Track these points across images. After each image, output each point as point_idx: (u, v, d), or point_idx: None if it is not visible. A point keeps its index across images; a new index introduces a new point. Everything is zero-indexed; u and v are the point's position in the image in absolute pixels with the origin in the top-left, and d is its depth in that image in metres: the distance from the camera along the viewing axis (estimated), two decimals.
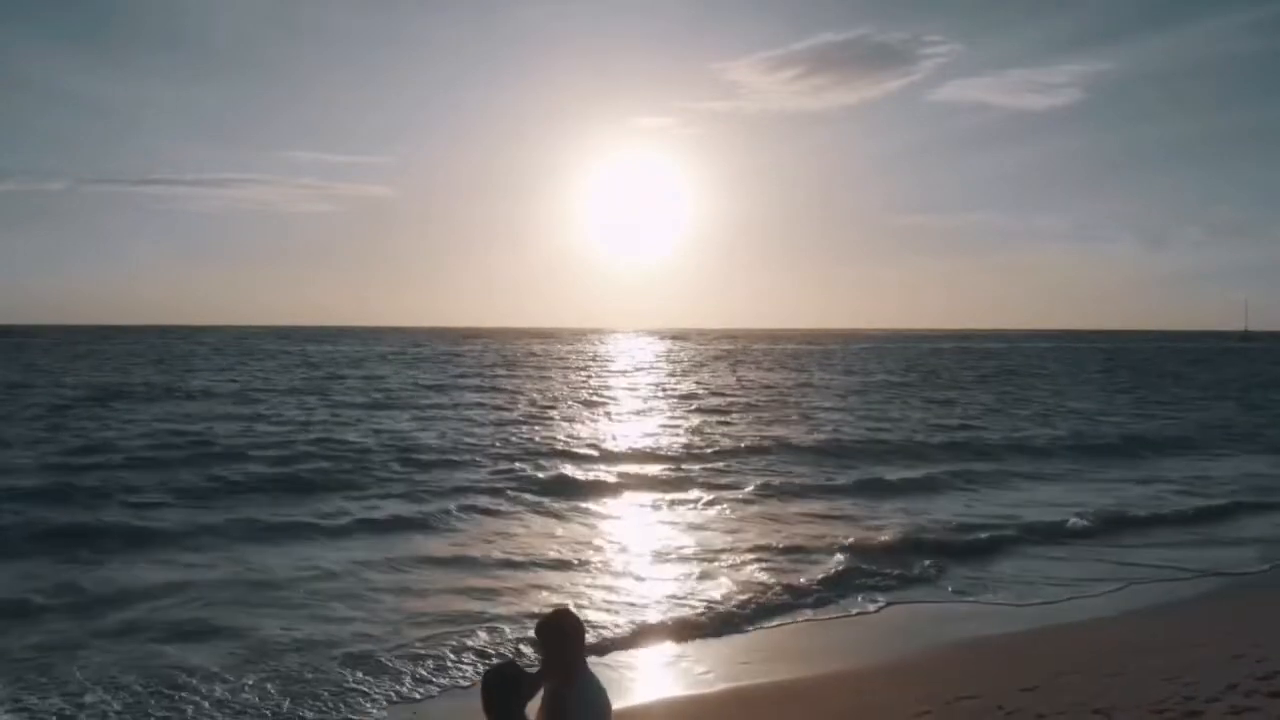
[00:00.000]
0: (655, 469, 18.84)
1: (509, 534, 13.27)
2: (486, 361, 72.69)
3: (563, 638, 3.77)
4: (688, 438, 23.95)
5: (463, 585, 10.53)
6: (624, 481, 17.42)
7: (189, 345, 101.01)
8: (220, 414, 28.15)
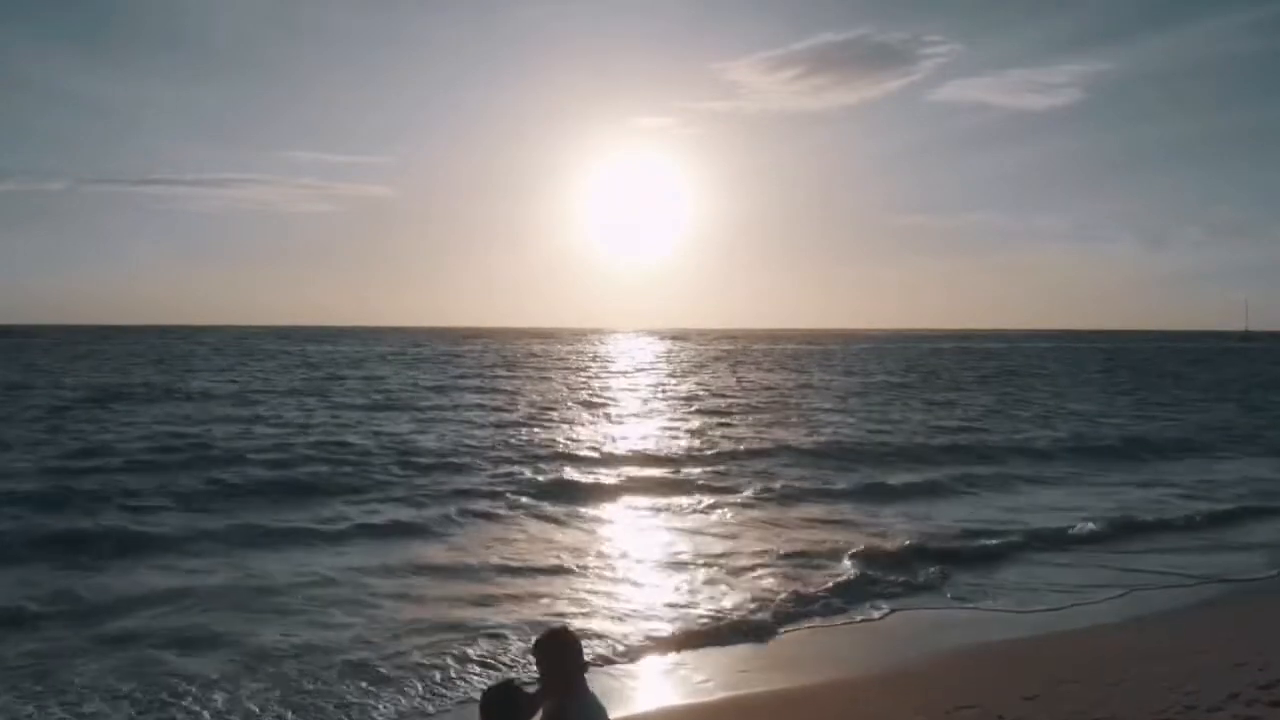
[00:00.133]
0: (655, 472, 18.81)
1: (509, 539, 13.22)
2: (486, 362, 72.64)
3: (560, 656, 3.77)
4: (688, 440, 23.92)
5: (463, 592, 10.50)
6: (624, 485, 17.39)
7: (189, 345, 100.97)
8: (219, 416, 28.11)
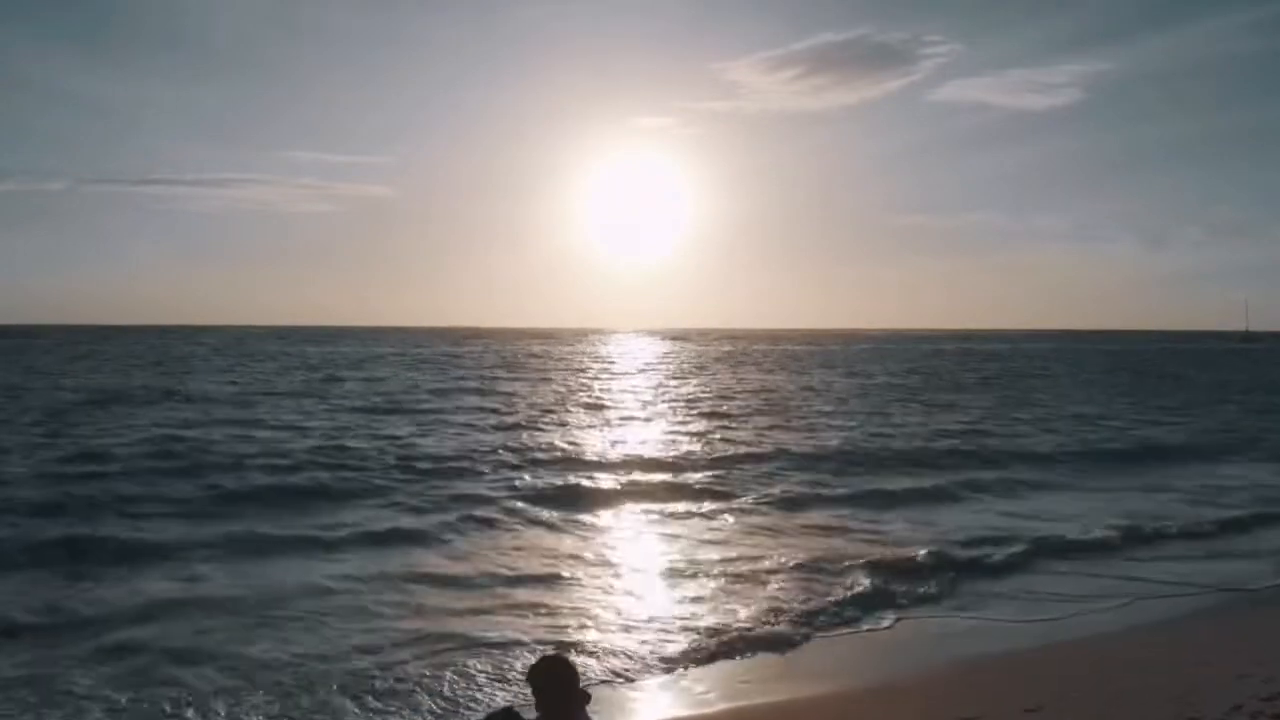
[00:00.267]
0: (657, 477, 18.70)
1: (510, 547, 13.13)
2: (487, 363, 72.57)
3: (557, 684, 3.83)
4: (690, 444, 23.81)
5: (465, 603, 10.39)
6: (626, 491, 17.28)
7: (189, 346, 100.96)
8: (218, 419, 28.02)
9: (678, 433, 26.71)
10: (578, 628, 9.63)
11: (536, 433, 26.08)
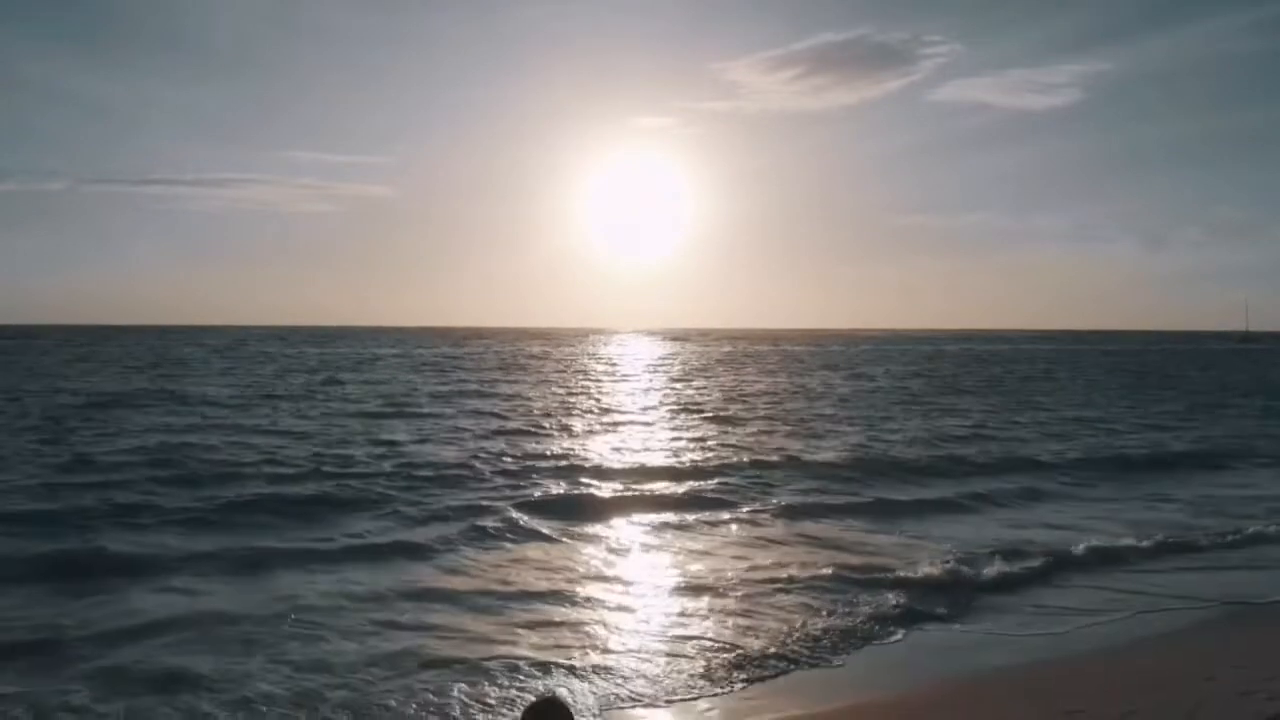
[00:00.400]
0: (660, 486, 18.52)
1: (510, 561, 12.94)
2: (487, 364, 72.48)
3: None
4: (693, 450, 23.67)
5: (463, 621, 10.22)
6: (628, 500, 17.09)
7: (188, 347, 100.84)
8: (217, 424, 27.90)
9: (680, 438, 26.56)
10: (580, 648, 9.47)
11: (538, 438, 25.95)
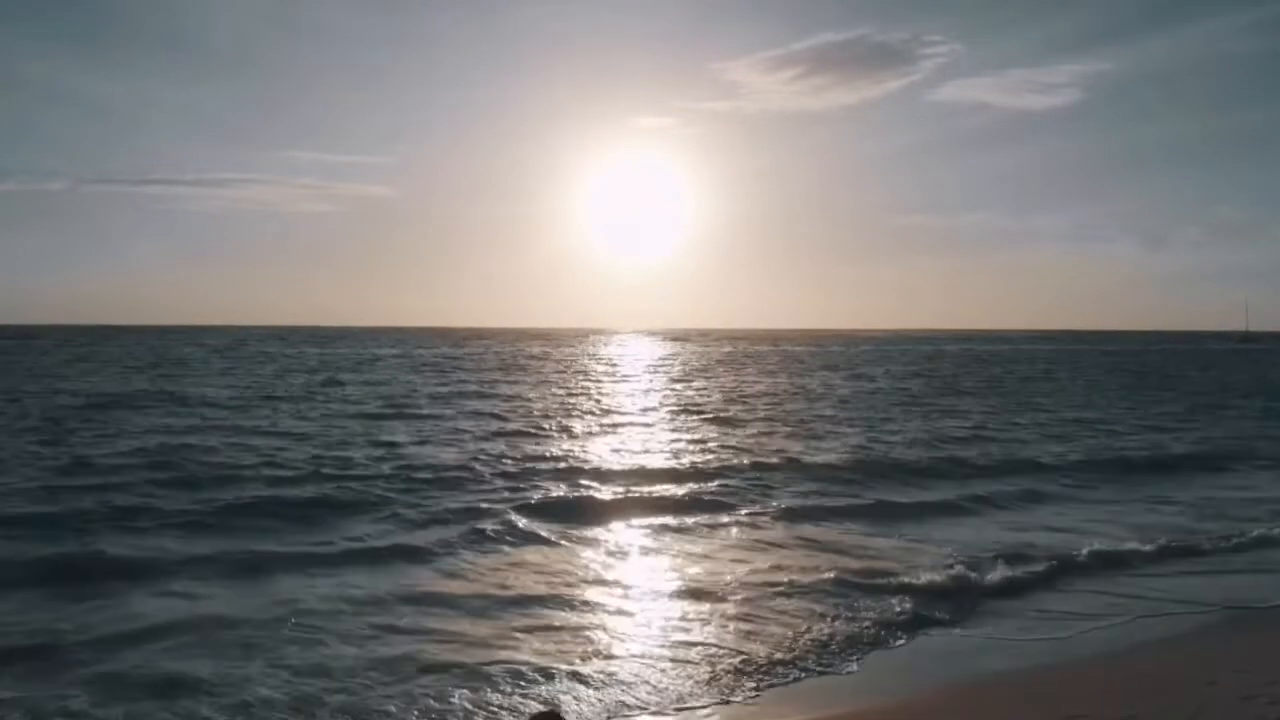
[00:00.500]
0: (661, 488, 18.43)
1: (510, 565, 12.87)
2: (487, 365, 72.43)
3: None
4: (694, 452, 23.58)
5: (463, 627, 10.17)
6: (629, 503, 17.02)
7: (188, 347, 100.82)
8: (217, 425, 27.85)
9: (680, 439, 26.51)
10: (582, 653, 9.41)
11: (538, 440, 25.90)
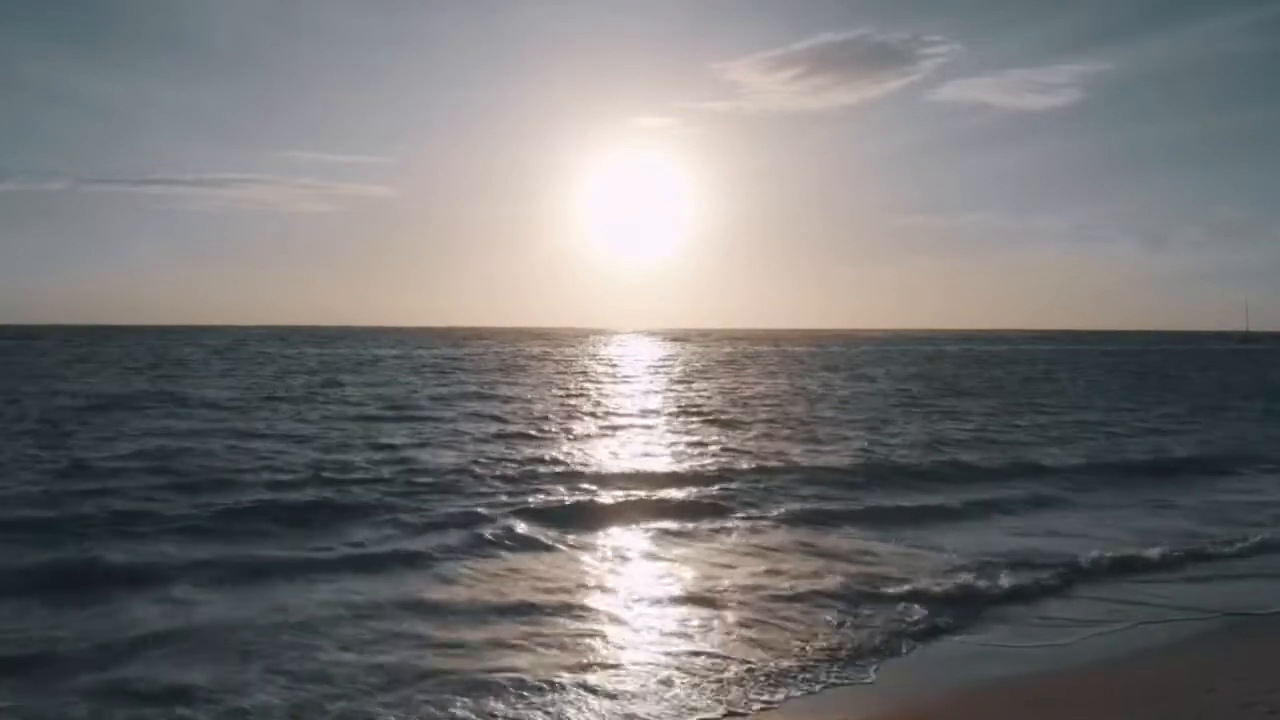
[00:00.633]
0: (663, 493, 18.30)
1: (510, 573, 12.78)
2: (487, 366, 72.40)
3: None
4: (695, 456, 23.48)
5: (462, 635, 10.08)
6: (631, 508, 16.90)
7: (188, 348, 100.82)
8: (216, 428, 27.80)
9: (682, 442, 26.43)
10: (585, 663, 9.30)
11: (538, 443, 25.81)
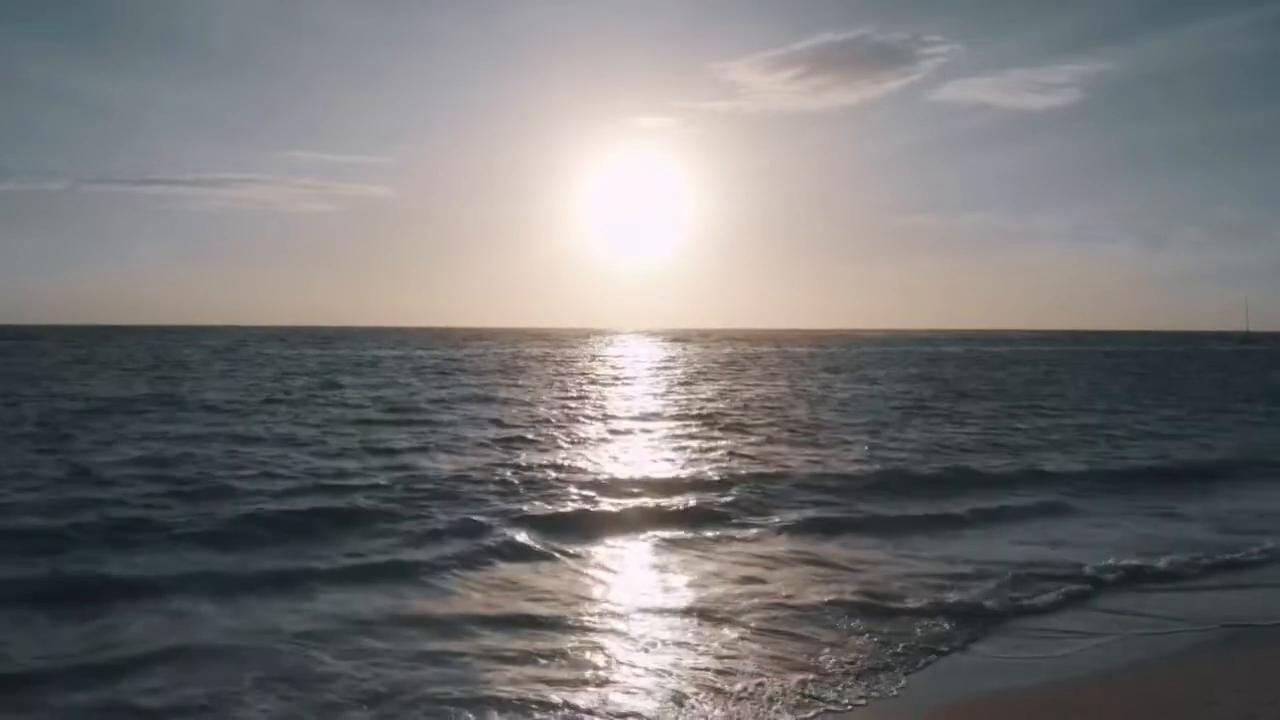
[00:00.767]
0: (665, 502, 18.15)
1: (508, 585, 12.63)
2: (488, 367, 72.31)
3: None
4: (699, 463, 23.24)
5: (460, 650, 9.95)
6: (633, 518, 16.72)
7: (188, 349, 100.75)
8: (215, 432, 27.72)
9: (685, 447, 26.28)
10: (590, 683, 9.13)
11: (539, 448, 25.68)
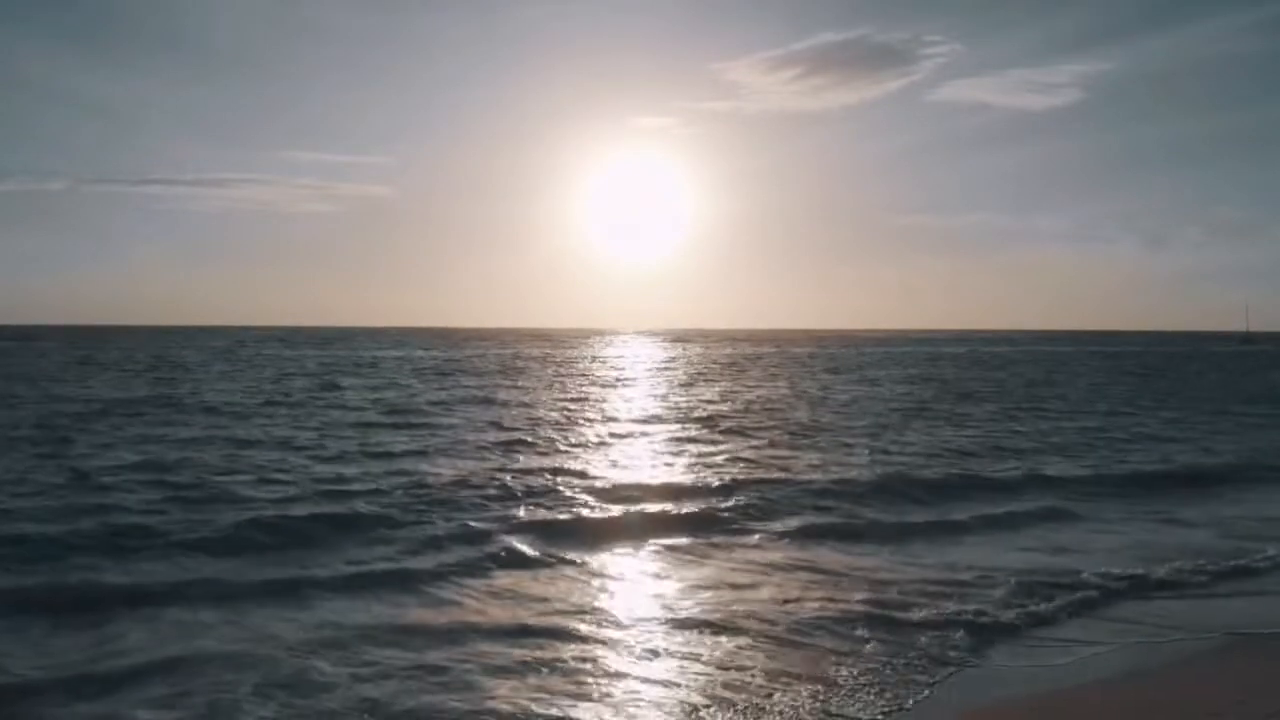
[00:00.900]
0: (667, 507, 18.02)
1: (508, 594, 12.52)
2: (488, 368, 72.26)
3: None
4: (701, 468, 23.12)
5: (457, 660, 9.84)
6: (634, 524, 16.61)
7: (187, 349, 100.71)
8: (214, 435, 27.66)
9: (686, 452, 26.16)
10: (594, 698, 9.02)
11: (539, 452, 25.57)
